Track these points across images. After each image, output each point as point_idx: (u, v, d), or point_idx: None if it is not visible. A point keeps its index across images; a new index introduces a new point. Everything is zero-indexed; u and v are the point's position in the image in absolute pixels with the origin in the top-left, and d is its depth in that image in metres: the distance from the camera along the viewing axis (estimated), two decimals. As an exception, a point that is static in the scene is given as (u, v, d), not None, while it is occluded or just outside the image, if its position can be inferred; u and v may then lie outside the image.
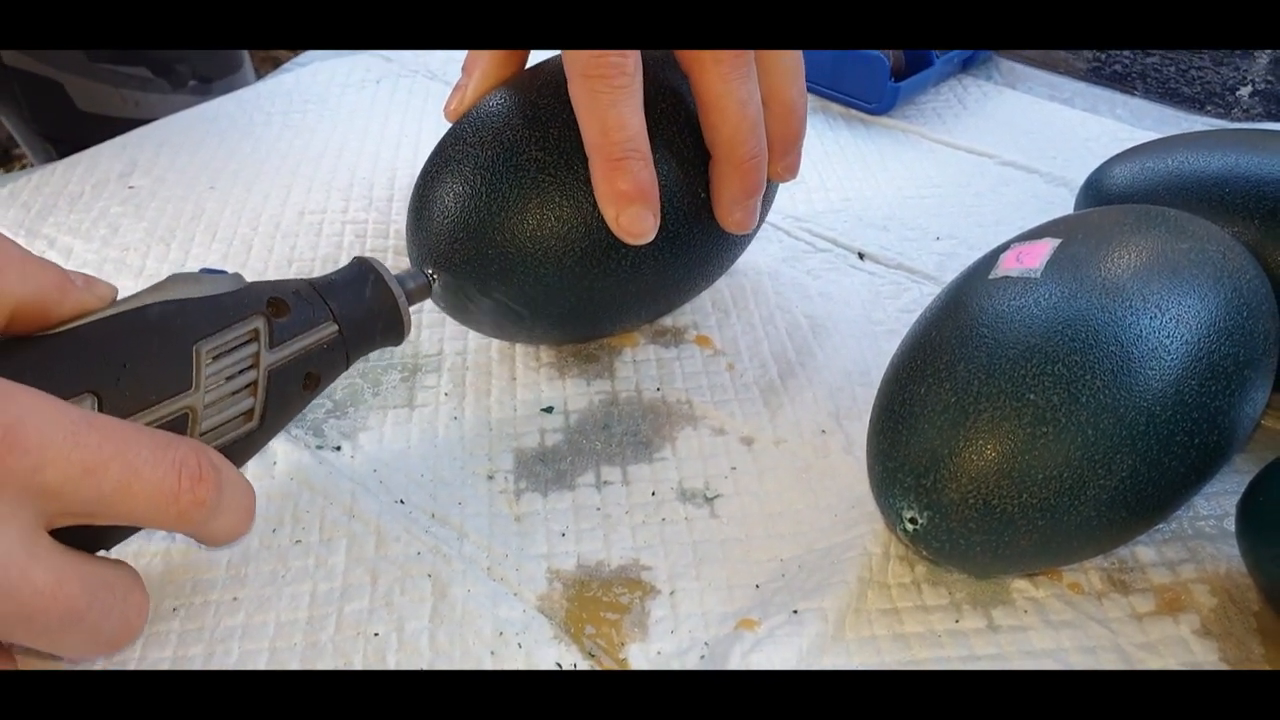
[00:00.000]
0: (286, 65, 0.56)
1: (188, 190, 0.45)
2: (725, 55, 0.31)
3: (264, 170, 0.47)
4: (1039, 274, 0.29)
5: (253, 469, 0.33)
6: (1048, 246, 0.29)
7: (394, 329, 0.31)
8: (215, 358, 0.26)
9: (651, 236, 0.32)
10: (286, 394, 0.28)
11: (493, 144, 0.33)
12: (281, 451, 0.34)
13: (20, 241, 0.42)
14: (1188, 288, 0.28)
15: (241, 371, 0.27)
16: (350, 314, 0.29)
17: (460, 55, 0.37)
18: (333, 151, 0.48)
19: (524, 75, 0.35)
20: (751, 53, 0.32)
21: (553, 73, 0.34)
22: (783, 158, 0.34)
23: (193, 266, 0.41)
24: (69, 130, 0.49)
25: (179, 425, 0.25)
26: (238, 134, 0.49)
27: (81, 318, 0.25)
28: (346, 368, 0.30)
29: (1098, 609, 0.29)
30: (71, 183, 0.46)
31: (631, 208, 0.31)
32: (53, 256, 0.42)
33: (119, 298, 0.27)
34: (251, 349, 0.27)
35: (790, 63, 0.33)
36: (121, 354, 0.25)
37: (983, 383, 0.27)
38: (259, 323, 0.27)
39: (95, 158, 0.48)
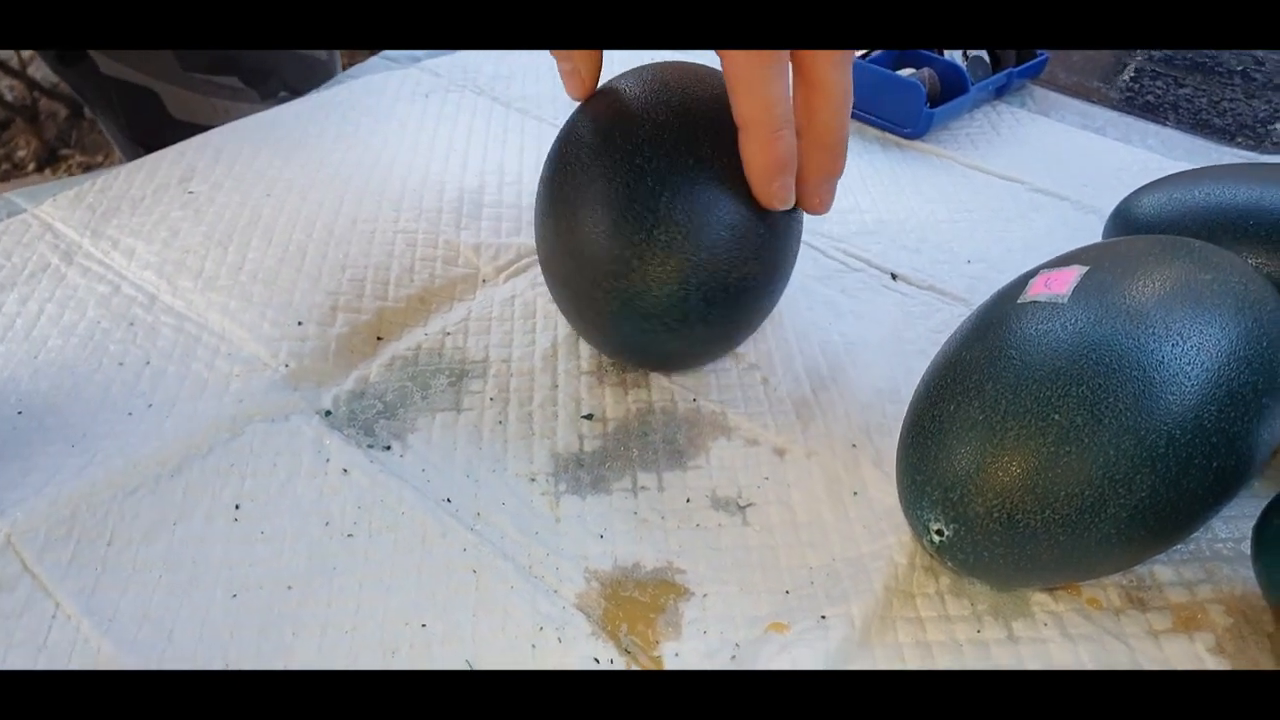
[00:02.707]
0: (339, 78, 0.58)
1: (245, 196, 0.47)
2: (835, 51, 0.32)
3: (318, 179, 0.49)
4: (1066, 300, 0.30)
5: (306, 464, 0.35)
6: (1075, 273, 0.31)
7: None
8: None
9: (792, 202, 0.34)
10: None
11: (649, 150, 0.33)
12: (334, 448, 0.35)
13: (85, 242, 0.45)
14: (1209, 317, 0.29)
15: None
16: None
17: (497, 64, 0.38)
18: (384, 163, 0.50)
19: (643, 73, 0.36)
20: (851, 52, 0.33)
21: (649, 93, 0.35)
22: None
23: (251, 271, 0.43)
24: (163, 137, 0.51)
25: None
26: (291, 143, 0.51)
27: None
28: None
29: (1115, 625, 0.30)
30: (134, 187, 0.48)
31: (783, 176, 0.33)
32: (116, 258, 0.44)
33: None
34: None
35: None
36: None
37: (1010, 402, 0.28)
38: None
39: (157, 163, 0.50)
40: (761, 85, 0.32)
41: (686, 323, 0.34)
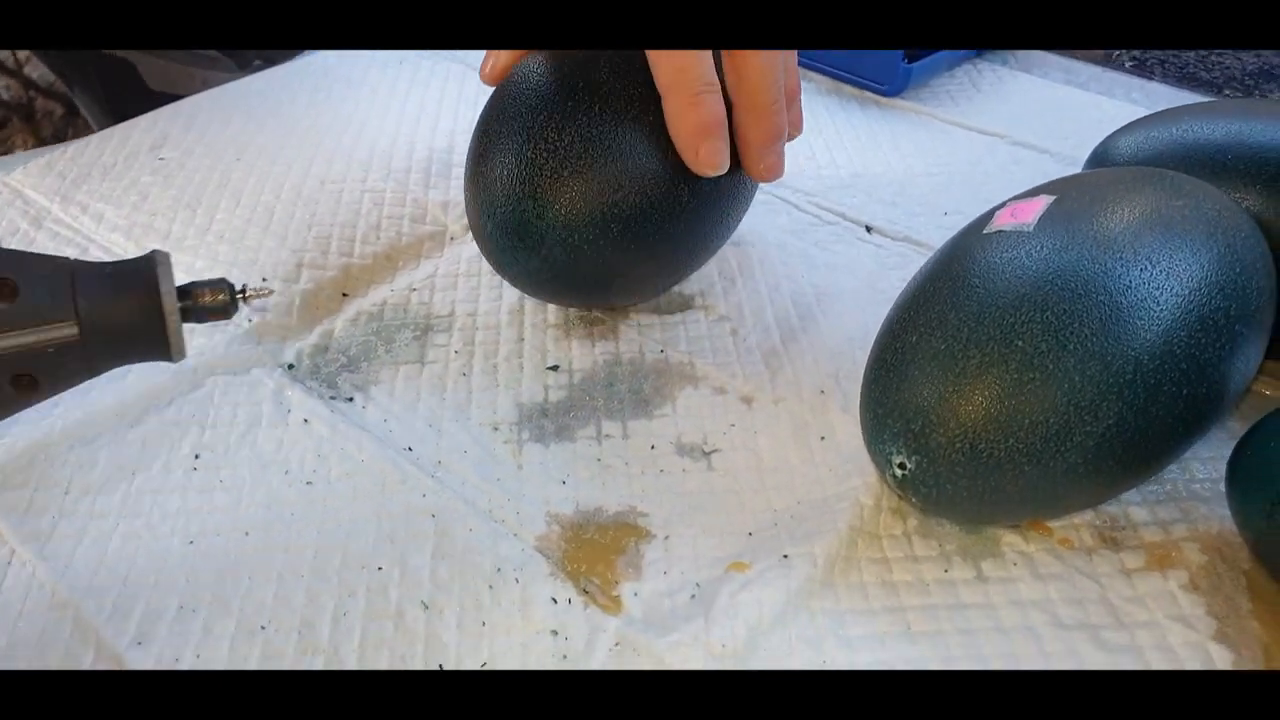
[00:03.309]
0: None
1: (215, 161, 0.47)
2: None
3: (288, 143, 0.48)
4: (1032, 228, 0.29)
5: (267, 415, 0.34)
6: (1042, 203, 0.30)
7: (156, 347, 0.25)
8: None
9: (725, 169, 0.33)
10: None
11: (545, 119, 0.33)
12: (296, 400, 0.35)
13: (54, 208, 0.44)
14: (1180, 242, 0.28)
15: None
16: (100, 319, 0.24)
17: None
18: (355, 126, 0.49)
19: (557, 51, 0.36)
20: None
21: None
22: (788, 110, 0.35)
23: (218, 232, 0.42)
24: (141, 110, 0.51)
25: None
26: (265, 110, 0.51)
27: None
28: (91, 375, 0.25)
29: (1087, 564, 0.30)
30: (105, 154, 0.48)
31: (709, 141, 0.32)
32: (85, 221, 0.43)
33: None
34: None
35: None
36: None
37: (972, 330, 0.28)
38: None
39: (128, 131, 0.49)
40: (676, 50, 0.31)
41: (532, 244, 0.33)
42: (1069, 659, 0.27)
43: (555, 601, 0.28)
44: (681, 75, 0.32)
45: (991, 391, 0.27)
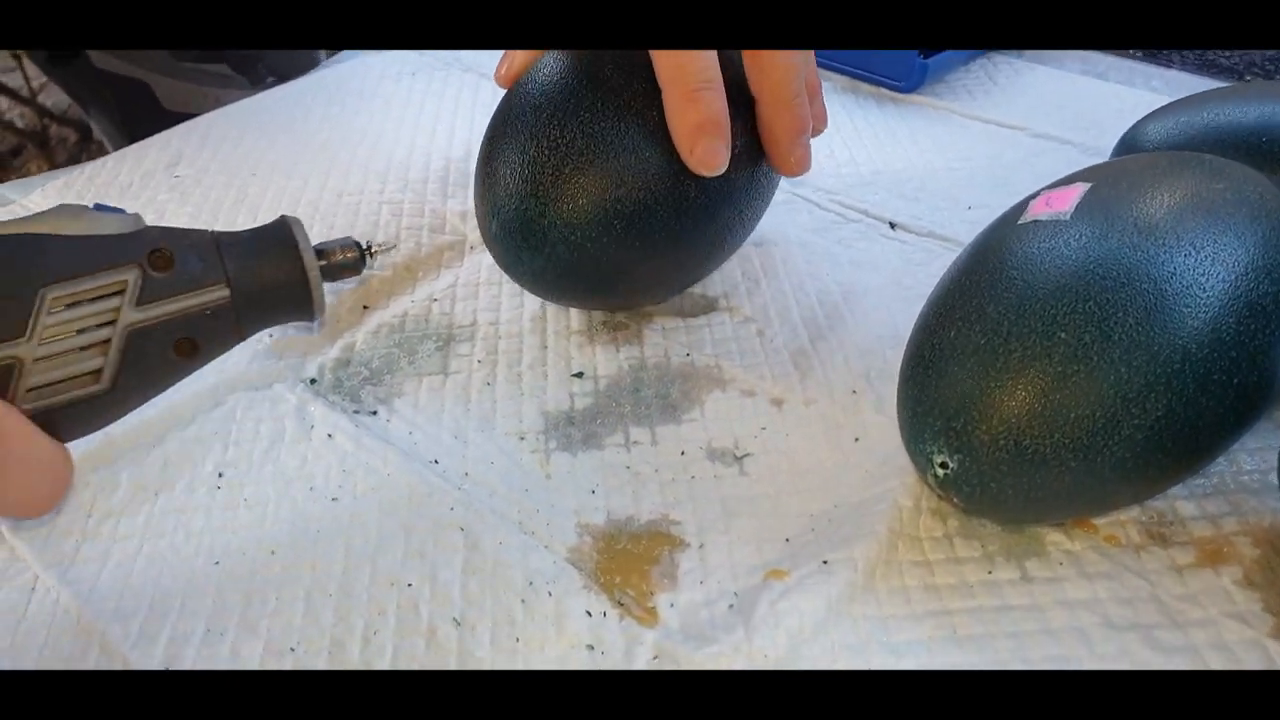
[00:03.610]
0: (325, 62, 0.57)
1: (230, 177, 0.46)
2: None
3: (303, 157, 0.48)
4: (1069, 216, 0.28)
5: (290, 431, 0.34)
6: (1078, 190, 0.29)
7: (301, 304, 0.27)
8: (66, 306, 0.23)
9: (724, 169, 0.32)
10: (150, 358, 0.25)
11: (549, 116, 0.33)
12: (319, 415, 0.34)
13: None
14: (1223, 226, 0.28)
15: (96, 327, 0.24)
16: (248, 280, 0.26)
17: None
18: (370, 139, 0.49)
19: (565, 51, 0.35)
20: None
21: None
22: (811, 106, 0.35)
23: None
24: (156, 130, 0.51)
25: (2, 375, 0.23)
26: (278, 125, 0.51)
27: None
28: (240, 340, 0.27)
29: (1135, 561, 0.29)
30: (122, 174, 0.47)
31: (706, 139, 0.31)
32: (101, 241, 0.43)
33: None
34: (112, 303, 0.24)
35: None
36: None
37: (1012, 323, 0.27)
38: (130, 274, 0.24)
39: (144, 150, 0.49)
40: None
41: (539, 241, 0.33)
42: (1122, 660, 0.26)
43: (590, 615, 0.28)
44: (680, 71, 0.31)
45: (1035, 385, 0.26)
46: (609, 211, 0.32)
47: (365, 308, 0.39)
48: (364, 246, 0.29)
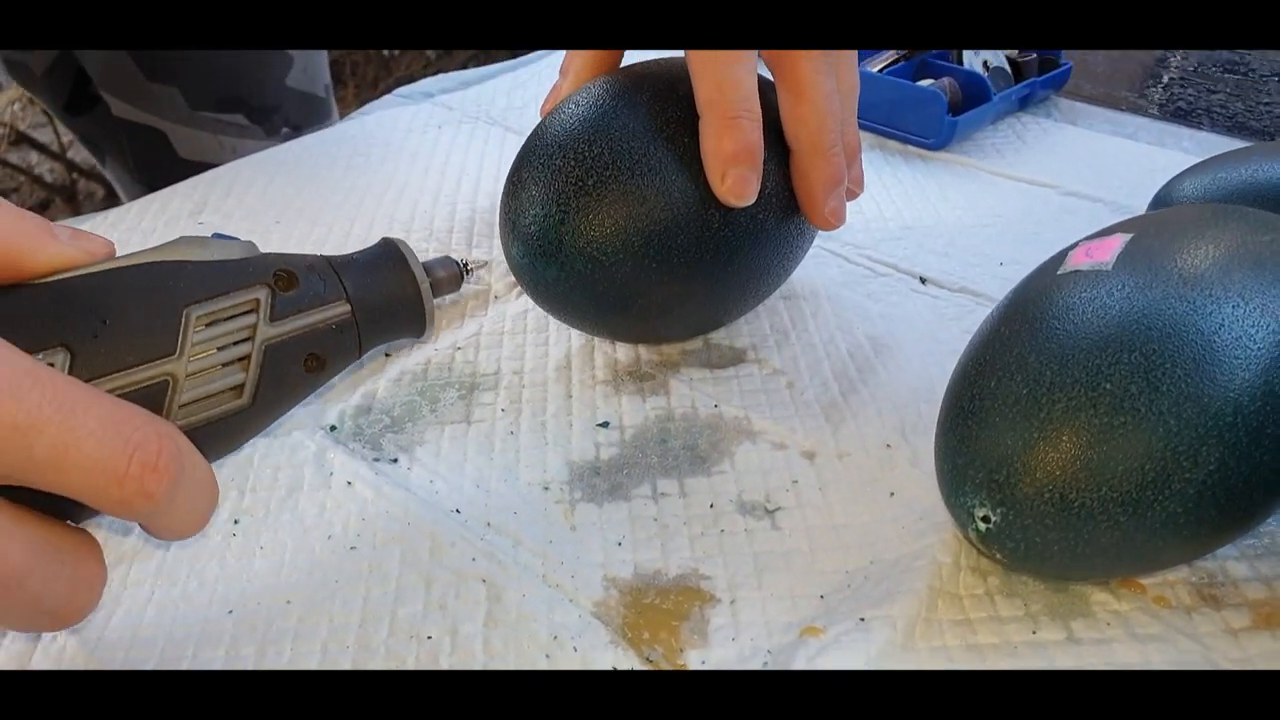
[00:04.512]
0: (352, 114, 0.58)
1: (254, 224, 0.46)
2: (814, 52, 0.31)
3: (327, 206, 0.48)
4: (1110, 266, 0.28)
5: (309, 478, 0.33)
6: (1119, 241, 0.29)
7: (414, 318, 0.29)
8: (208, 324, 0.24)
9: (752, 200, 0.32)
10: (285, 373, 0.26)
11: (580, 133, 0.33)
12: (338, 462, 0.33)
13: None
14: (1272, 278, 0.27)
15: (235, 343, 0.25)
16: (366, 296, 0.27)
17: (510, 96, 0.37)
18: (395, 189, 0.49)
19: (607, 77, 0.36)
20: (834, 53, 0.32)
21: (638, 72, 0.35)
22: (850, 168, 0.35)
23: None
24: (170, 178, 0.51)
25: (157, 392, 0.24)
26: (303, 174, 0.51)
27: (66, 272, 0.23)
28: (359, 355, 0.28)
29: (1187, 623, 0.28)
30: (145, 220, 0.48)
31: (738, 168, 0.31)
32: (124, 286, 0.43)
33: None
34: (249, 320, 0.25)
35: (852, 78, 0.34)
36: (103, 309, 0.23)
37: (1055, 373, 0.26)
38: (261, 293, 0.25)
39: (169, 197, 0.49)
40: (718, 67, 0.31)
41: (558, 256, 0.33)
42: (1178, 729, 0.25)
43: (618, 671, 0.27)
44: (721, 94, 0.31)
45: (1081, 437, 0.25)
46: (628, 229, 0.32)
47: (387, 355, 0.39)
48: (461, 264, 0.31)
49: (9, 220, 0.23)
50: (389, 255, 0.28)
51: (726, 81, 0.31)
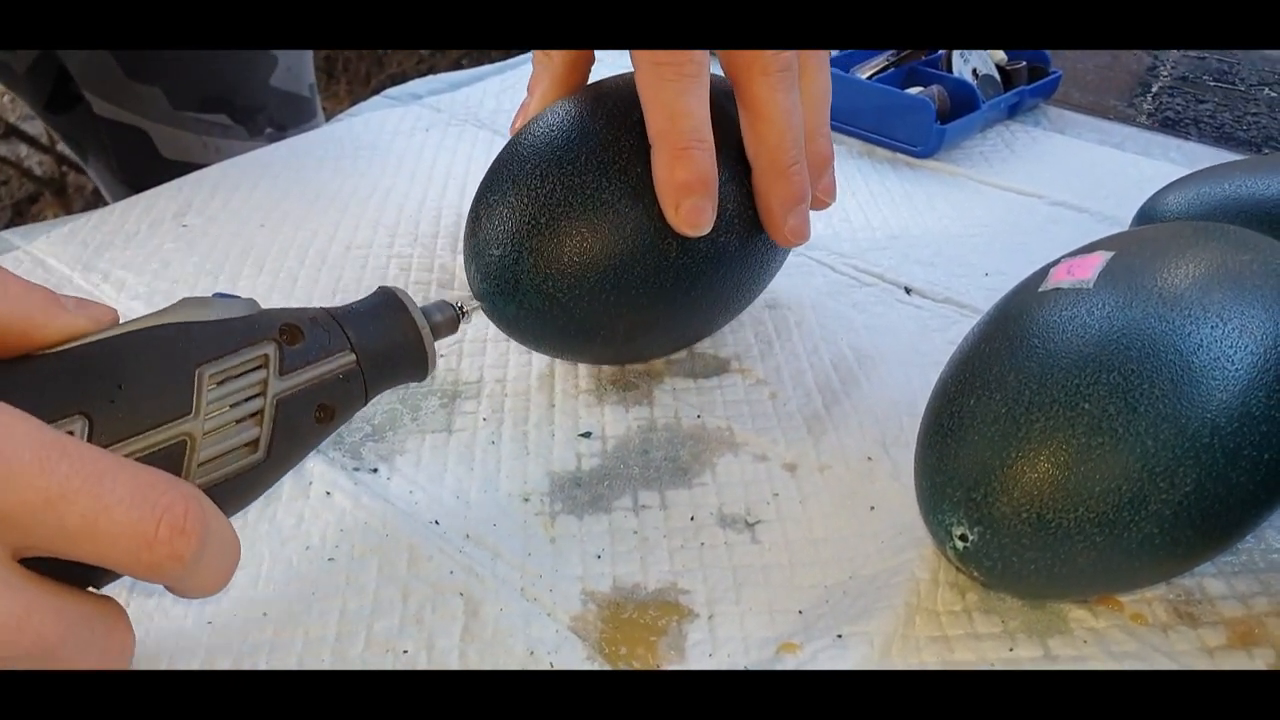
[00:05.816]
0: (339, 116, 0.58)
1: (239, 228, 0.46)
2: (772, 66, 0.31)
3: (313, 209, 0.48)
4: (1091, 285, 0.28)
5: (287, 488, 0.33)
6: (1100, 259, 0.29)
7: (417, 363, 0.29)
8: (219, 383, 0.24)
9: (709, 229, 0.32)
10: (296, 425, 0.26)
11: (533, 168, 0.33)
12: (317, 472, 0.33)
13: (76, 276, 0.43)
14: (1251, 298, 0.27)
15: (248, 399, 0.25)
16: (369, 344, 0.27)
17: (499, 99, 0.37)
18: (381, 192, 0.49)
19: (575, 96, 0.35)
20: (796, 66, 0.32)
21: (597, 93, 0.34)
22: (820, 178, 0.34)
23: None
24: (153, 178, 0.50)
25: (176, 452, 0.24)
26: (289, 177, 0.51)
27: (75, 340, 0.24)
28: (365, 403, 0.28)
29: (1163, 641, 0.28)
30: (129, 222, 0.47)
31: (691, 198, 0.31)
32: (106, 289, 0.42)
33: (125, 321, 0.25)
34: (259, 375, 0.25)
35: (822, 85, 0.34)
36: (116, 375, 0.23)
37: (1035, 392, 0.26)
38: (269, 349, 0.25)
39: (153, 199, 0.49)
40: (668, 97, 0.31)
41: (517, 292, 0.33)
42: (1152, 748, 0.25)
43: (593, 686, 0.26)
44: (672, 124, 0.31)
45: (1059, 457, 0.25)
46: (584, 265, 0.32)
47: (370, 362, 0.38)
48: (457, 306, 0.31)
49: (19, 291, 0.23)
50: (389, 303, 0.28)
51: (677, 111, 0.31)
